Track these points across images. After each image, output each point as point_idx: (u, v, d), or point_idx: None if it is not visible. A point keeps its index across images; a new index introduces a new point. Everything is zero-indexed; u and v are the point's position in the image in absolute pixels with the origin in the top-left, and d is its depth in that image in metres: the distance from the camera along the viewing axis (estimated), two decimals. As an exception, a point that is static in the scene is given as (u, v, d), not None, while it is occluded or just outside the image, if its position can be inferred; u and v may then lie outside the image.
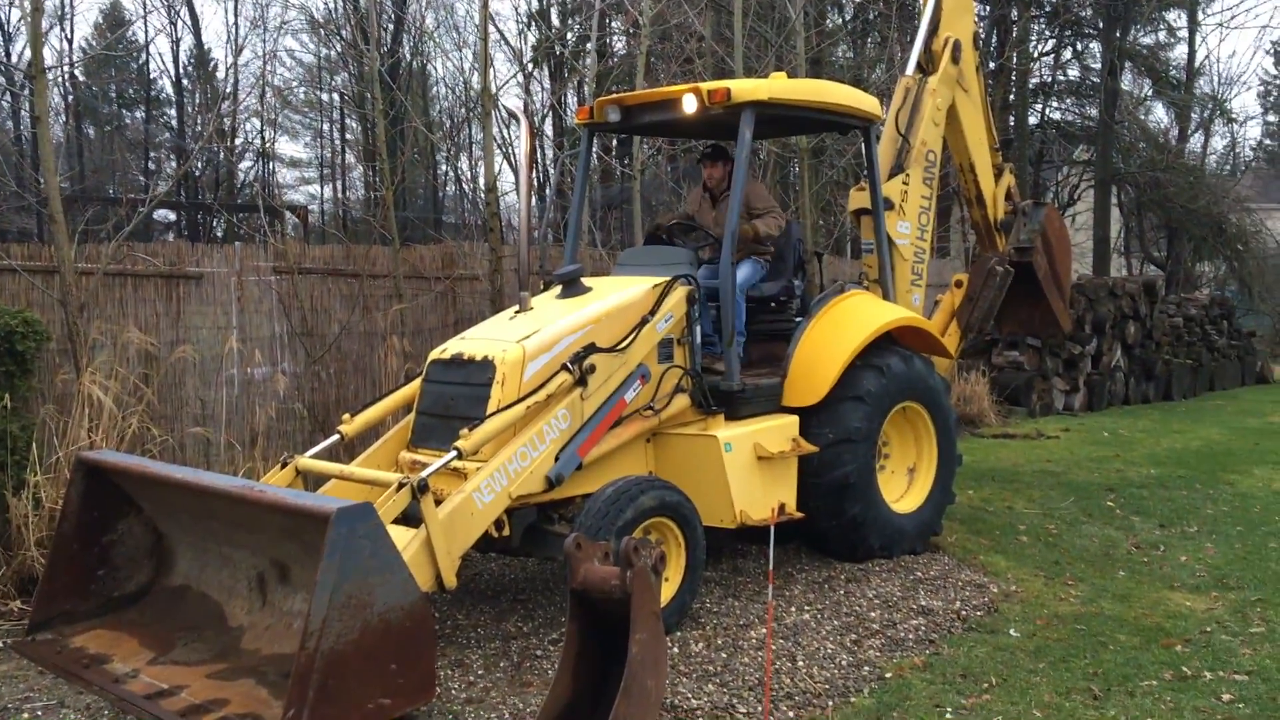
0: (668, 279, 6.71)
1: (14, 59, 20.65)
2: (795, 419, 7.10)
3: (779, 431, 6.95)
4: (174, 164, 26.12)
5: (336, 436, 6.53)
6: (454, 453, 5.60)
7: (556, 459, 5.91)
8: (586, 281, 6.90)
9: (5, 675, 5.33)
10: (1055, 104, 25.82)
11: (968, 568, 7.43)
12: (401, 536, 5.16)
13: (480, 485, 5.59)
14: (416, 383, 6.86)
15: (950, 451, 7.92)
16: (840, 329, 7.39)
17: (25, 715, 4.88)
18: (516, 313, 6.69)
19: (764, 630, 5.99)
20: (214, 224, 23.06)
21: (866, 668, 5.58)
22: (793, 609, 6.40)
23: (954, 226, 19.79)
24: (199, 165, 21.48)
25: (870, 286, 8.24)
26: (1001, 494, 9.86)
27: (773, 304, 7.79)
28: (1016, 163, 16.24)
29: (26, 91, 12.59)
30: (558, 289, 6.93)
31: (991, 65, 21.08)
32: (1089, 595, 7.06)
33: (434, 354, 6.51)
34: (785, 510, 6.85)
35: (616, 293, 6.66)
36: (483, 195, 13.74)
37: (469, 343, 6.41)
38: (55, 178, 8.06)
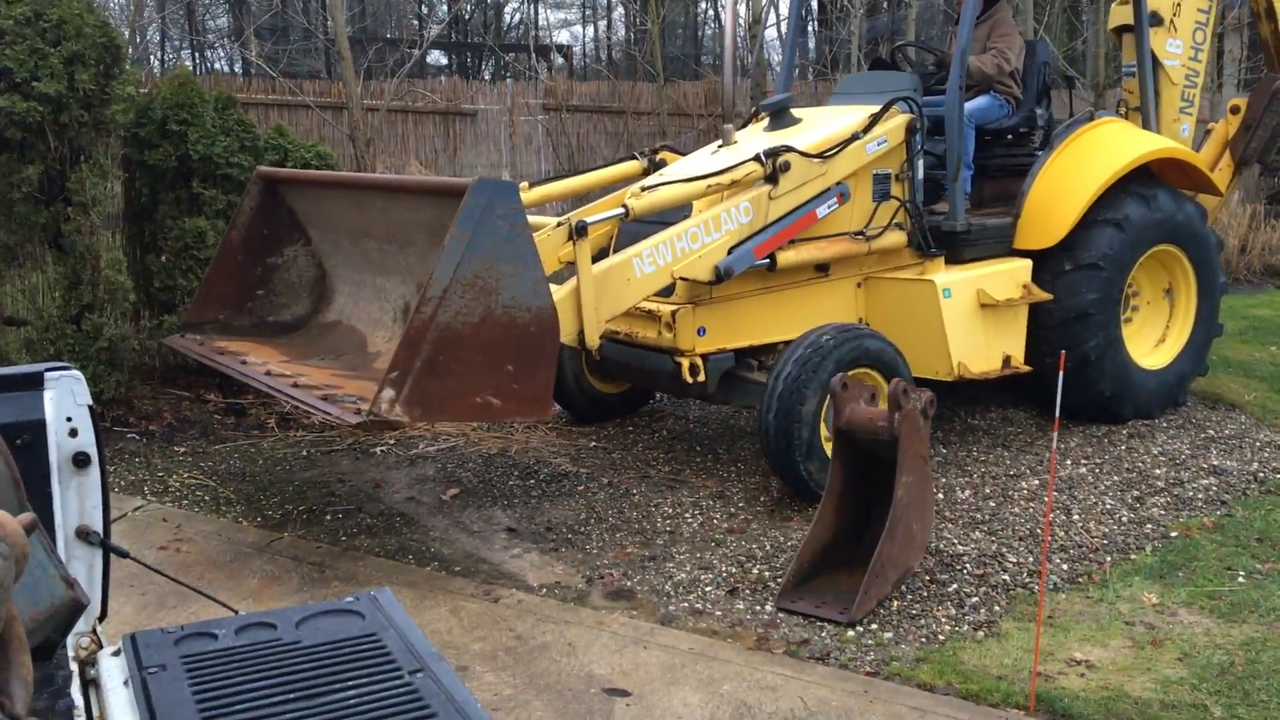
0: (882, 104, 6.09)
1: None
2: (1027, 263, 6.42)
3: (1007, 277, 6.31)
4: (446, 6, 26.79)
5: None
6: (622, 209, 5.31)
7: (730, 251, 5.49)
8: (796, 112, 6.33)
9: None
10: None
11: (1267, 428, 6.84)
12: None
13: (642, 253, 5.22)
14: (613, 169, 6.71)
15: (1209, 308, 7.00)
16: (1086, 162, 6.58)
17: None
18: (719, 147, 6.29)
19: (1035, 481, 5.76)
20: (482, 65, 23.61)
21: (1149, 525, 5.27)
22: (1068, 462, 6.11)
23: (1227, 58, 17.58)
24: (469, 7, 21.95)
25: (1130, 115, 7.37)
26: (1309, 352, 8.98)
27: (1010, 136, 7.04)
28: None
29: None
30: (765, 120, 6.47)
31: None
32: None
33: (631, 190, 6.05)
34: (1010, 363, 6.34)
35: (827, 123, 6.09)
36: (744, 32, 13.31)
37: (666, 178, 6.05)
38: (342, 17, 8.41)
